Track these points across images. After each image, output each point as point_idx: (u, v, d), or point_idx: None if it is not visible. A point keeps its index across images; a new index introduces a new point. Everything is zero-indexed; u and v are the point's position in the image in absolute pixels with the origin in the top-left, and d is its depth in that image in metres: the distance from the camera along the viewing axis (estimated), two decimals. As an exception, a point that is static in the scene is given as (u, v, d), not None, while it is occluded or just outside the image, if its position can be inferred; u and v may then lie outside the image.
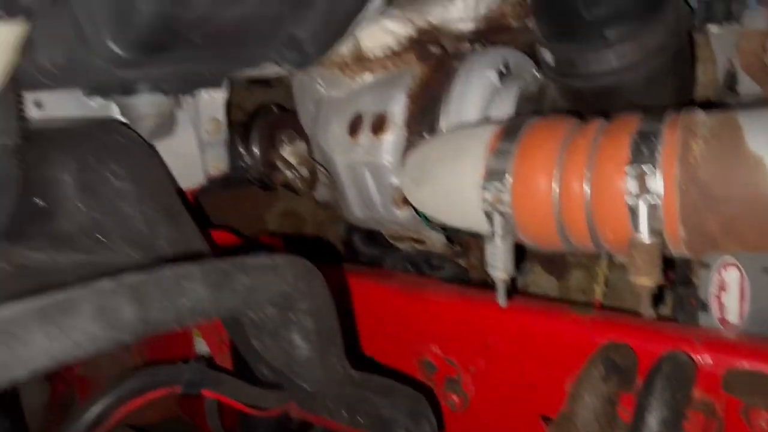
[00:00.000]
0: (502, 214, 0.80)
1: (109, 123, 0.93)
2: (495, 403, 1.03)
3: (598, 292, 1.22)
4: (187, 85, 1.12)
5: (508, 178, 0.79)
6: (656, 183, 0.70)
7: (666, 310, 1.15)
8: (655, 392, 0.84)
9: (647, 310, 0.79)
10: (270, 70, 1.19)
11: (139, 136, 0.95)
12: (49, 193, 0.82)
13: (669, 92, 0.99)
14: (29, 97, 0.95)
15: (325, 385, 0.84)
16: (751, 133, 0.67)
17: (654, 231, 0.71)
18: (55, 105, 1.02)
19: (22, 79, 0.80)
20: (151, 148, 0.98)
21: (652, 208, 0.70)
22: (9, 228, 0.76)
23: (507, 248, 0.83)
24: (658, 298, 1.01)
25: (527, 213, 0.80)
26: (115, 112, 1.03)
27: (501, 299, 0.86)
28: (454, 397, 1.07)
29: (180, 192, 1.02)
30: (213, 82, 1.17)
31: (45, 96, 0.99)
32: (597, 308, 1.22)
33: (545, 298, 1.35)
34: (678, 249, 0.73)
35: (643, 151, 0.72)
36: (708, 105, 0.92)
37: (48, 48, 0.78)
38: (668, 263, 1.04)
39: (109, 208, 0.85)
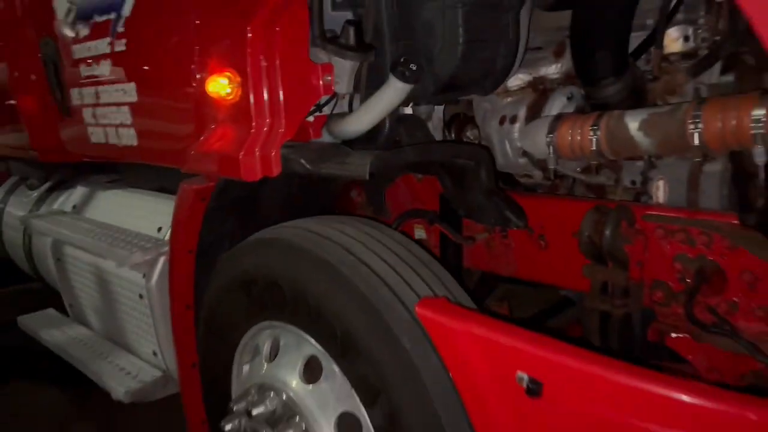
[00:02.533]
0: (553, 147, 2.33)
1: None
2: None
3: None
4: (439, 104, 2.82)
5: (557, 133, 2.32)
6: (594, 131, 2.22)
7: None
8: (611, 214, 2.31)
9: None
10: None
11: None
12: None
13: (630, 106, 2.44)
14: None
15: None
16: (627, 116, 2.16)
17: (592, 151, 2.22)
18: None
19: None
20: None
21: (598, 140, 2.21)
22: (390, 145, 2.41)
23: (554, 159, 2.35)
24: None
25: (561, 145, 2.32)
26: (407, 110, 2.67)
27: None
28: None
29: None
30: (451, 102, 2.82)
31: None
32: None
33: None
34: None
35: (596, 123, 2.22)
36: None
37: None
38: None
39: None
